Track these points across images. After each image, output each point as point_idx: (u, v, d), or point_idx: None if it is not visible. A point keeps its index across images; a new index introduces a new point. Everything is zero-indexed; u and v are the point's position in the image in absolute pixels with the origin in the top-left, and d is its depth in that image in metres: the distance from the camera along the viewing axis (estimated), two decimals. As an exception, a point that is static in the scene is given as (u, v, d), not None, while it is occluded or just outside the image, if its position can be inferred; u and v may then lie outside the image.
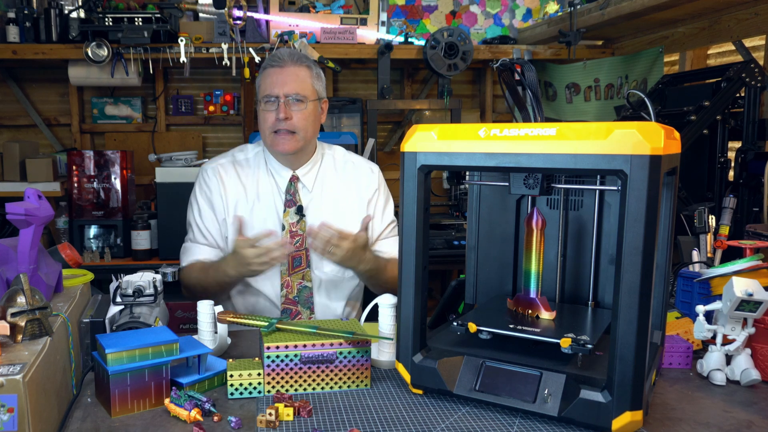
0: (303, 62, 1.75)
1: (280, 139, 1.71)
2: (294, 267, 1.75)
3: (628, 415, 0.98)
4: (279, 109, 1.69)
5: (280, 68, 1.72)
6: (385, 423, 1.07)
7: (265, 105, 1.72)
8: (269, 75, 1.72)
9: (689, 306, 1.51)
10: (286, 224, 1.75)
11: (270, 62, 1.75)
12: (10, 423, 0.90)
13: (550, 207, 1.34)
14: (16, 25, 2.83)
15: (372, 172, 1.88)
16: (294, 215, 1.76)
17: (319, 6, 3.19)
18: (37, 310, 1.05)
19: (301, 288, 1.76)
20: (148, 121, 3.41)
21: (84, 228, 2.86)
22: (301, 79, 1.72)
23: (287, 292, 1.75)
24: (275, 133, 1.71)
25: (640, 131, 0.93)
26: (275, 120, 1.70)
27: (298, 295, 1.76)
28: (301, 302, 1.76)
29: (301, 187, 1.79)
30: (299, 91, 1.71)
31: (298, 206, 1.76)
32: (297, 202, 1.77)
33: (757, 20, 2.37)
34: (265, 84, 1.73)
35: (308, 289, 1.76)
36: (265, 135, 1.74)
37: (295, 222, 1.75)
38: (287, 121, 1.69)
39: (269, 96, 1.71)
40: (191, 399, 1.08)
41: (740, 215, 2.10)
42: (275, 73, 1.71)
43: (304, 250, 1.75)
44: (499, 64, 1.62)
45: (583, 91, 3.14)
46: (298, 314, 1.77)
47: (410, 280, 1.15)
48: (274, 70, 1.72)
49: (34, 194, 1.20)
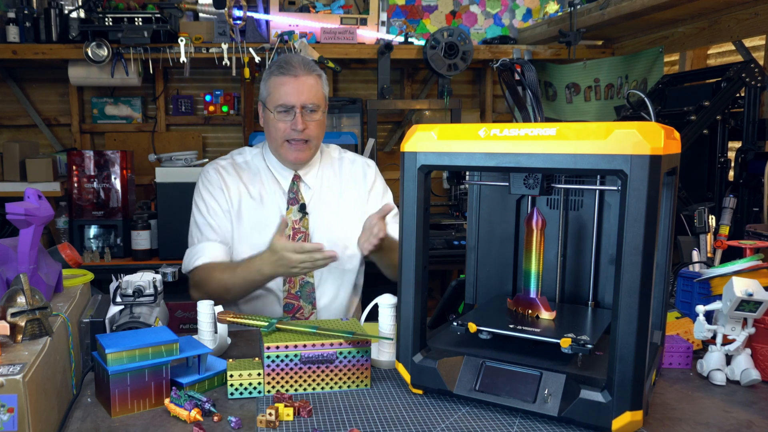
0: (314, 71, 1.76)
1: (294, 148, 1.73)
2: None
3: (628, 415, 0.98)
4: (296, 121, 1.70)
5: (295, 78, 1.71)
6: (385, 423, 1.07)
7: (278, 114, 1.72)
8: (283, 84, 1.71)
9: (689, 306, 1.51)
10: (290, 222, 1.77)
11: (281, 70, 1.73)
12: (10, 423, 0.90)
13: (550, 207, 1.34)
14: (16, 25, 2.83)
15: (368, 166, 1.91)
16: (297, 213, 1.78)
17: (319, 6, 3.19)
18: (37, 310, 1.05)
19: (304, 283, 1.78)
20: (148, 121, 3.41)
21: (84, 228, 2.86)
22: (315, 89, 1.73)
23: (290, 287, 1.78)
24: (288, 142, 1.73)
25: (640, 131, 0.93)
26: (290, 130, 1.71)
27: (300, 290, 1.78)
28: (303, 297, 1.78)
29: (303, 185, 1.81)
30: (315, 101, 1.73)
31: (301, 204, 1.78)
32: (300, 200, 1.79)
33: (757, 20, 2.37)
34: (279, 93, 1.72)
35: (310, 285, 1.79)
36: (277, 143, 1.75)
37: (297, 219, 1.78)
38: (303, 132, 1.72)
39: (285, 106, 1.71)
40: (191, 399, 1.08)
41: (740, 215, 2.10)
42: (290, 83, 1.71)
43: None
44: (499, 64, 1.62)
45: (583, 91, 3.14)
46: (300, 309, 1.79)
47: (410, 280, 1.15)
48: (287, 78, 1.71)
49: (34, 194, 1.20)
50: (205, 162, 2.85)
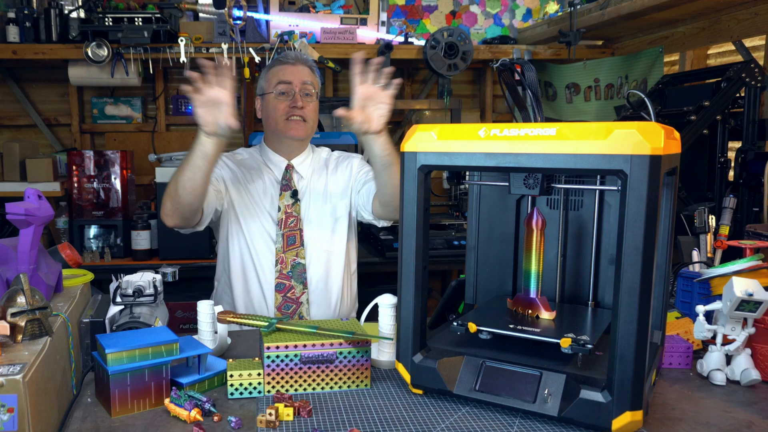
0: (308, 62, 1.91)
1: (293, 124, 1.83)
2: (288, 245, 1.84)
3: (628, 415, 0.98)
4: (295, 98, 1.82)
5: (292, 64, 1.86)
6: (385, 423, 1.07)
7: (279, 96, 1.83)
8: (282, 69, 1.85)
9: (689, 306, 1.51)
10: (282, 206, 1.86)
11: (279, 60, 1.89)
12: (10, 423, 0.90)
13: (550, 207, 1.34)
14: (16, 25, 2.83)
15: (354, 156, 2.00)
16: (289, 198, 1.86)
17: (319, 6, 3.19)
18: (37, 310, 1.05)
19: (295, 264, 1.84)
20: (148, 121, 3.41)
21: (84, 228, 2.86)
22: (311, 76, 1.89)
23: (281, 267, 1.84)
24: (288, 120, 1.83)
25: (640, 131, 0.93)
26: (289, 107, 1.82)
27: (292, 270, 1.84)
28: (295, 277, 1.84)
29: (296, 174, 1.90)
30: (311, 84, 1.86)
31: (293, 190, 1.87)
32: (292, 187, 1.88)
33: (757, 20, 2.37)
34: (277, 75, 1.84)
35: (302, 266, 1.85)
36: (276, 122, 1.84)
37: (290, 204, 1.86)
38: (301, 110, 1.82)
39: (284, 81, 1.82)
40: (191, 399, 1.08)
41: (740, 215, 2.11)
42: (288, 67, 1.85)
43: (298, 230, 1.85)
44: (499, 64, 1.62)
45: (583, 91, 3.14)
46: (292, 288, 1.84)
47: (410, 280, 1.15)
48: (285, 65, 1.86)
49: (34, 194, 1.20)
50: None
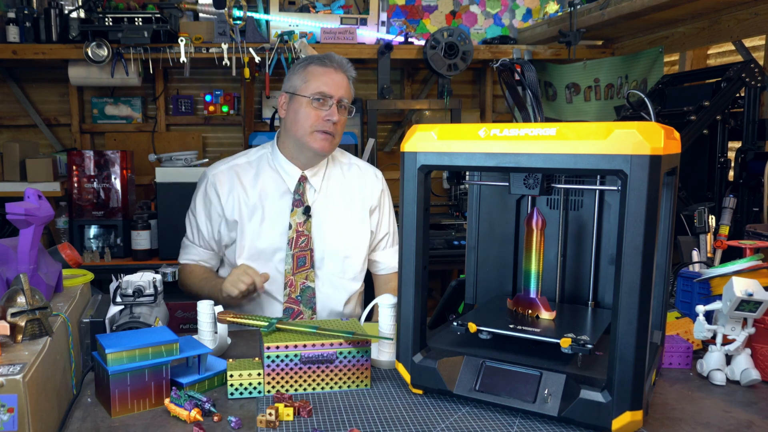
0: (351, 72, 1.80)
1: (320, 137, 1.72)
2: (298, 267, 1.76)
3: (628, 415, 0.98)
4: (332, 111, 1.71)
5: (335, 70, 1.74)
6: (385, 423, 1.07)
7: (315, 102, 1.71)
8: (325, 73, 1.73)
9: (689, 306, 1.51)
10: (293, 223, 1.76)
11: (322, 61, 1.75)
12: (10, 423, 0.90)
13: (550, 207, 1.34)
14: (16, 25, 2.83)
15: (376, 177, 1.91)
16: (301, 215, 1.76)
17: (319, 6, 3.19)
18: (37, 310, 1.05)
19: (305, 288, 1.76)
20: (148, 121, 3.41)
21: (84, 228, 2.86)
22: (350, 89, 1.79)
23: (290, 291, 1.76)
24: (317, 132, 1.72)
25: (640, 131, 0.93)
26: (323, 120, 1.71)
27: (301, 294, 1.76)
28: (304, 302, 1.77)
29: (309, 187, 1.80)
30: (349, 99, 1.77)
31: (305, 206, 1.77)
32: (305, 203, 1.78)
33: (757, 20, 2.37)
34: (319, 81, 1.72)
35: (311, 290, 1.77)
36: (305, 131, 1.72)
37: (302, 222, 1.76)
38: (334, 125, 1.73)
39: (324, 94, 1.71)
40: (191, 399, 1.08)
41: (740, 215, 2.10)
42: (331, 74, 1.73)
43: (309, 250, 1.76)
44: (499, 64, 1.62)
45: (583, 91, 3.14)
46: (300, 314, 1.77)
47: (410, 280, 1.15)
48: (329, 69, 1.74)
49: (34, 194, 1.20)
50: (205, 162, 2.85)
